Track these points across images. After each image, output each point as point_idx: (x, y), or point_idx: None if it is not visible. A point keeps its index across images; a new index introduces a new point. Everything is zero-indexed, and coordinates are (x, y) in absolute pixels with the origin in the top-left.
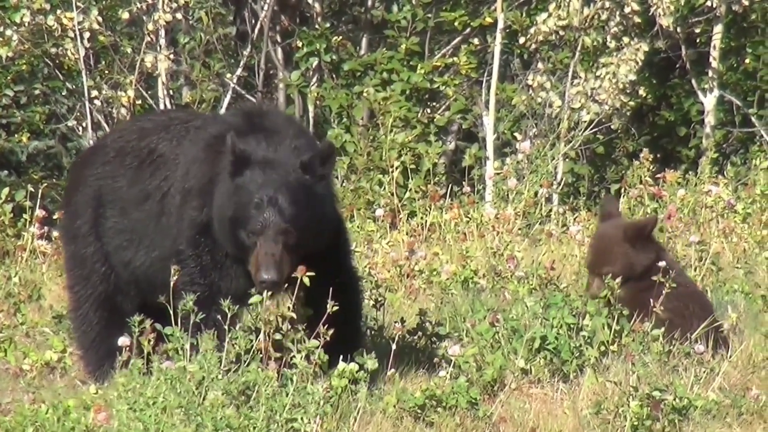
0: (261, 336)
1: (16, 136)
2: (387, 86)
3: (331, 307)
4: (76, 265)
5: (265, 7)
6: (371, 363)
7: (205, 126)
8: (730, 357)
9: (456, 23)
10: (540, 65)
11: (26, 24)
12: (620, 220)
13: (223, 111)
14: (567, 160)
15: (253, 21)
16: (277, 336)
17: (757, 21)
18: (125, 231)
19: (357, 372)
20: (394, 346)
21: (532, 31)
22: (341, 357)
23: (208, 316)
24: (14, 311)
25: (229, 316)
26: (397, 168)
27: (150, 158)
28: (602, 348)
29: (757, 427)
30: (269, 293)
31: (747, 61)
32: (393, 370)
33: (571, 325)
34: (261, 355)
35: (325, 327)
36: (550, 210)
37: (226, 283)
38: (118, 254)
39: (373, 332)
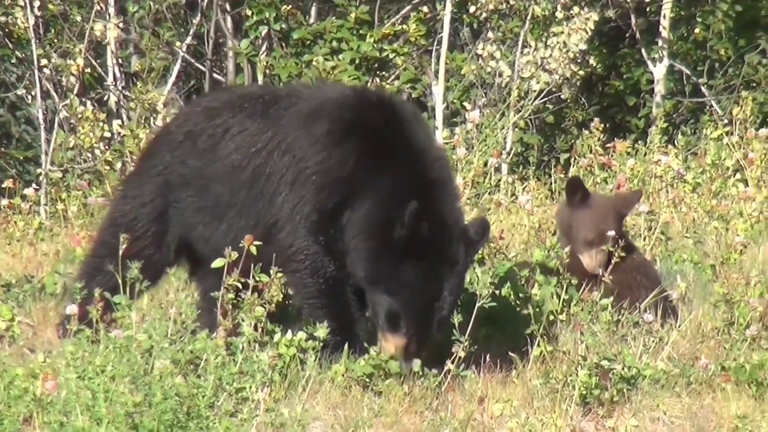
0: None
1: None
2: (336, 55)
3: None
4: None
5: None
6: (321, 332)
7: (318, 106)
8: (679, 327)
9: None
10: (490, 34)
11: None
12: (600, 195)
13: (173, 79)
14: (516, 129)
15: None
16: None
17: None
18: (206, 208)
19: (305, 341)
20: None
21: None
22: None
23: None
24: None
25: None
26: None
27: (228, 135)
28: (551, 317)
29: (705, 396)
30: None
31: (697, 30)
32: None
33: (520, 295)
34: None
35: None
36: (500, 179)
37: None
38: (198, 232)
39: None
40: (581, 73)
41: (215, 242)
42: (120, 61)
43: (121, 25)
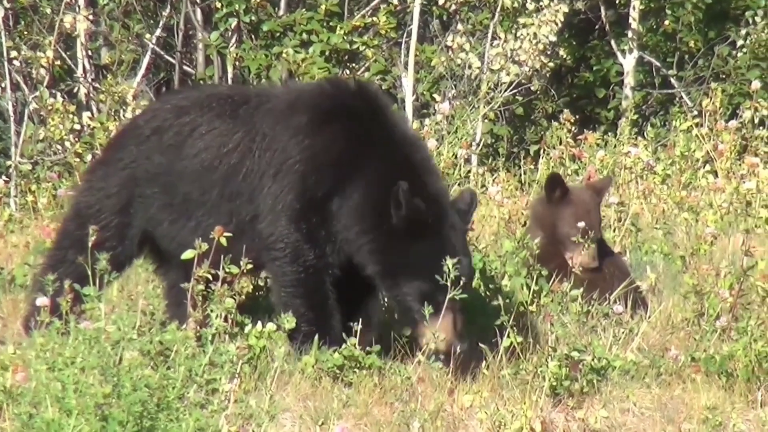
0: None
1: None
2: (306, 47)
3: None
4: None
5: None
6: (289, 323)
7: (294, 99)
8: (649, 318)
9: None
10: (459, 26)
11: None
12: (576, 188)
13: (142, 72)
14: (486, 121)
15: None
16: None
17: None
18: (172, 205)
19: (274, 332)
20: None
21: None
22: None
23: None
24: None
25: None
26: None
27: (195, 134)
28: (521, 309)
29: (675, 387)
30: None
31: (667, 22)
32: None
33: (490, 286)
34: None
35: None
36: (469, 171)
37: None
38: (163, 228)
39: None
40: (551, 64)
41: (182, 239)
42: (90, 53)
43: (90, 17)
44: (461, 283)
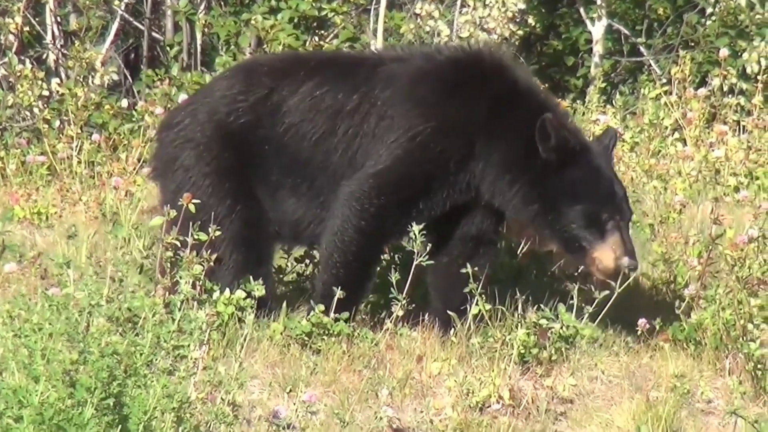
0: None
1: None
2: (275, 14)
3: None
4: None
5: None
6: (258, 290)
7: (414, 69)
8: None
9: None
10: None
11: None
12: None
13: (111, 38)
14: None
15: None
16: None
17: None
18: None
19: (244, 299)
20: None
21: None
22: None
23: None
24: None
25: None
26: None
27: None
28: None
29: (643, 355)
30: None
31: None
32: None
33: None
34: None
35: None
36: None
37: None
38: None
39: None
40: (520, 32)
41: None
42: (59, 19)
43: None
44: (624, 205)
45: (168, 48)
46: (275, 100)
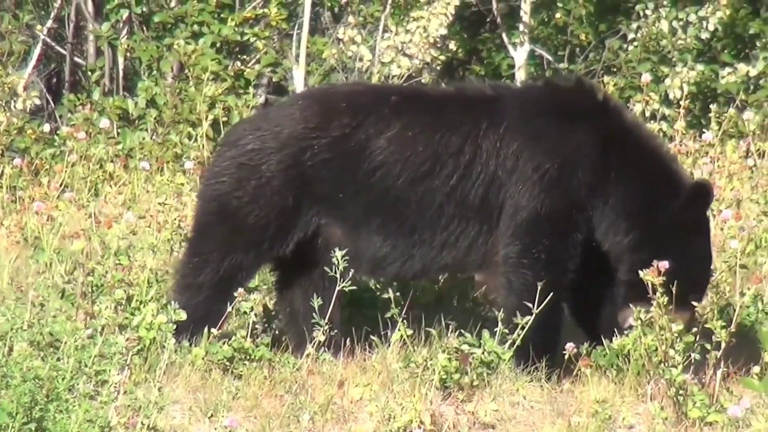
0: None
1: None
2: (197, 39)
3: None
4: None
5: None
6: (178, 315)
7: (522, 103)
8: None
9: None
10: (351, 18)
11: None
12: None
13: (33, 62)
14: None
15: None
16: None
17: None
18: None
19: (164, 324)
20: None
21: None
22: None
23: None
24: None
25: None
26: (207, 121)
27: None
28: (415, 299)
29: (565, 381)
30: None
31: (558, 15)
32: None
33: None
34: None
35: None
36: None
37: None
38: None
39: None
40: (442, 57)
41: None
42: None
43: None
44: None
45: (90, 72)
46: (359, 139)
